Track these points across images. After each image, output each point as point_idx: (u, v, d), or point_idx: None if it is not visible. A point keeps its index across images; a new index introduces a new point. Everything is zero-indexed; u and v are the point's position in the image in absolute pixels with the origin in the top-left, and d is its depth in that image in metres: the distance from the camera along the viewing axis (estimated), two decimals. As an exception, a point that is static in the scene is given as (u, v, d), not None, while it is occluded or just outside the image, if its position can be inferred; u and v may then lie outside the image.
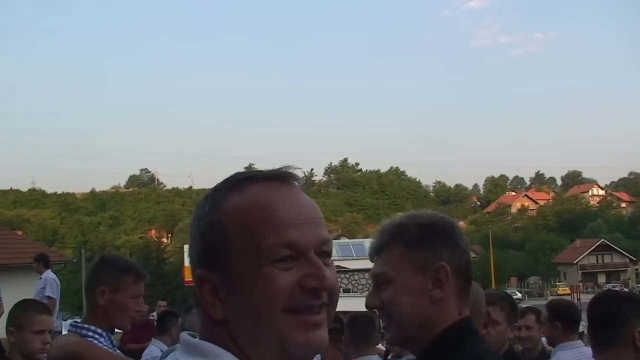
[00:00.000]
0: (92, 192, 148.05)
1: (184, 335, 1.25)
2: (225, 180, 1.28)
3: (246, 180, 1.25)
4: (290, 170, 1.27)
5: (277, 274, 1.17)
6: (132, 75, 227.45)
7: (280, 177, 1.26)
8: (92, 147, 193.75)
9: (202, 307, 1.23)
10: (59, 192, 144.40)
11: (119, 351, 2.88)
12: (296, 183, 1.27)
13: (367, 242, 55.52)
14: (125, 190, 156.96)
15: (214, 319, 1.22)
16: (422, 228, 1.84)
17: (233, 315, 1.20)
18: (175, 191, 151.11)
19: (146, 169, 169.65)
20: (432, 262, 1.79)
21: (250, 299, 1.18)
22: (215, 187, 1.29)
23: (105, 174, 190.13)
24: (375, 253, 1.90)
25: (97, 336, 2.84)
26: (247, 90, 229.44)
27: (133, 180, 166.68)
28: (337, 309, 1.16)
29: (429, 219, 1.87)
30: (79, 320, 2.96)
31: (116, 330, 3.04)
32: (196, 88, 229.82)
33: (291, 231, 1.19)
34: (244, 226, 1.20)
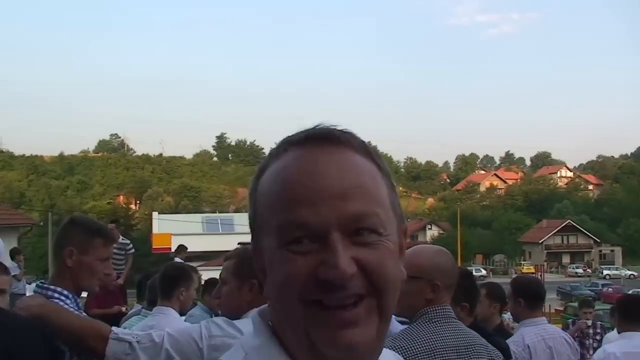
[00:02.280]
0: (61, 156, 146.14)
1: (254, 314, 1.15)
2: (280, 141, 1.10)
3: (287, 143, 1.08)
4: (326, 128, 1.06)
5: (290, 259, 0.99)
6: (105, 40, 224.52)
7: (312, 138, 1.05)
8: (62, 110, 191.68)
9: None
10: (27, 154, 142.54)
11: (84, 314, 2.86)
12: (339, 144, 1.05)
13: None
14: (94, 154, 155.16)
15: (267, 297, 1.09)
16: None
17: (269, 297, 1.06)
18: (145, 157, 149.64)
19: (116, 134, 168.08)
20: None
21: (273, 283, 1.02)
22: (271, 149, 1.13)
23: (74, 137, 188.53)
24: None
25: (63, 298, 2.81)
26: (218, 57, 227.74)
27: (102, 145, 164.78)
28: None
29: None
30: (45, 281, 2.93)
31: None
32: (168, 55, 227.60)
33: (304, 208, 0.98)
34: (265, 201, 1.05)
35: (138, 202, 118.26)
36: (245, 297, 2.88)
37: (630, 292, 43.19)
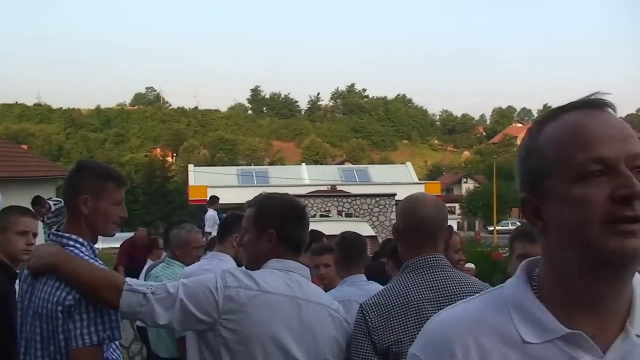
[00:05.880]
0: (98, 109, 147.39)
1: None
2: (543, 114, 1.38)
3: (560, 110, 1.34)
4: (600, 97, 1.31)
5: (588, 189, 1.23)
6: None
7: (591, 103, 1.31)
8: (98, 64, 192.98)
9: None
10: (65, 107, 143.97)
11: (100, 262, 2.79)
12: (608, 109, 1.31)
13: (371, 169, 55.62)
14: (130, 107, 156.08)
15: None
16: None
17: (549, 232, 1.30)
18: (181, 111, 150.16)
19: (152, 87, 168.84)
20: None
21: (564, 215, 1.26)
22: (534, 120, 1.42)
23: (110, 90, 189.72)
24: None
25: (78, 245, 2.76)
26: (253, 10, 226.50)
27: (138, 98, 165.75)
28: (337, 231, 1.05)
29: None
30: (60, 230, 2.86)
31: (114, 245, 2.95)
32: (202, 8, 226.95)
33: (600, 147, 1.24)
34: (557, 147, 1.28)
35: (174, 154, 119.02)
36: (263, 247, 2.79)
37: None
